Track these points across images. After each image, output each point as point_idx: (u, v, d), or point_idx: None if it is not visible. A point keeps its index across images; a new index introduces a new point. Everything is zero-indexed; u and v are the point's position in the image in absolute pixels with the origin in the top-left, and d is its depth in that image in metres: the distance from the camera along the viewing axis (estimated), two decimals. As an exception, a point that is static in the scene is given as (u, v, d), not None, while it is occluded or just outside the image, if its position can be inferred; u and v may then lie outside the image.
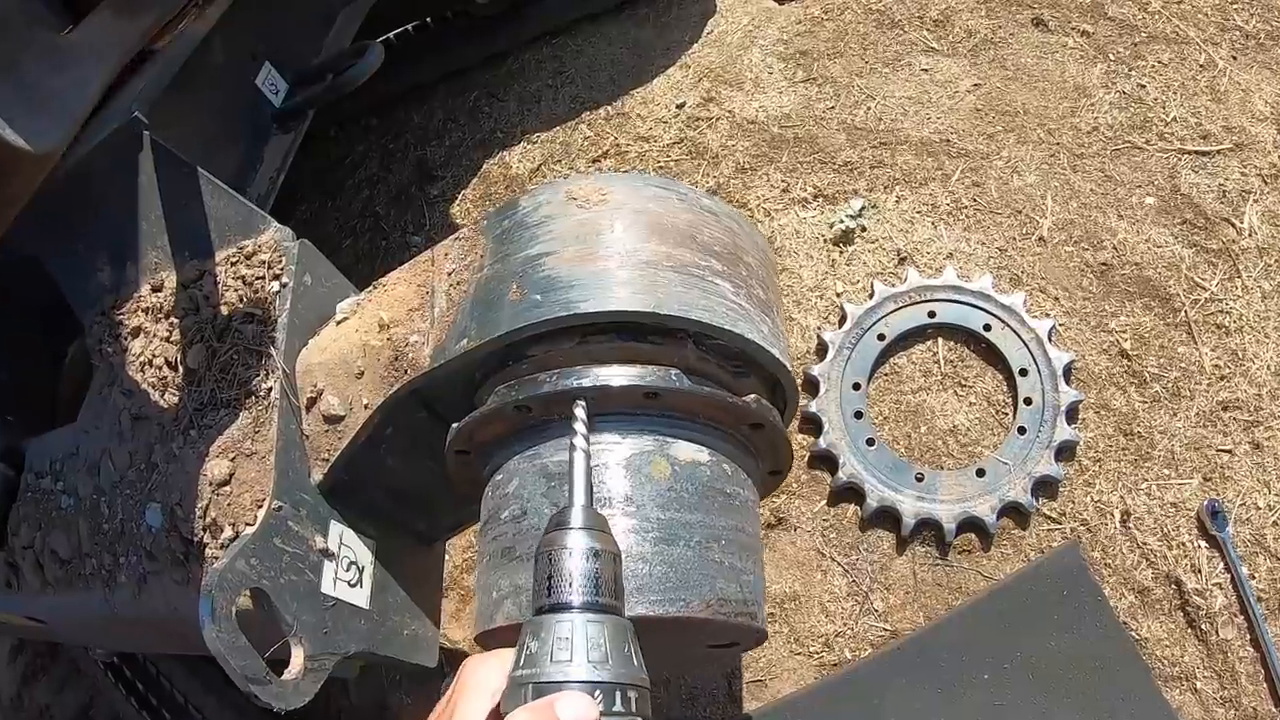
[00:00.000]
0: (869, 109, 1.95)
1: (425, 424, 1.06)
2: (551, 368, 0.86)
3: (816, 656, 1.59)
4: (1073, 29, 1.92)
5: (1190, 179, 1.72)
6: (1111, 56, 1.85)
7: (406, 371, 0.98)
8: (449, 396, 1.01)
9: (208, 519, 1.01)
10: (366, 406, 1.02)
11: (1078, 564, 1.51)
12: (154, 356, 1.24)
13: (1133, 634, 1.47)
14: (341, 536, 1.05)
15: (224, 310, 1.19)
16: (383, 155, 2.48)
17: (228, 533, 0.98)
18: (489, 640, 0.88)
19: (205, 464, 1.04)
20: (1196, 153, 1.74)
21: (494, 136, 2.33)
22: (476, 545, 0.93)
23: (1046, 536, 1.56)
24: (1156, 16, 1.88)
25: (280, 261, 1.17)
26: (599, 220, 0.89)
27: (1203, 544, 1.49)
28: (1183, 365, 1.60)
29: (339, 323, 1.13)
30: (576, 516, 0.71)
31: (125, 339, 1.29)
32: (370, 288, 1.16)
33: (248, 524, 0.97)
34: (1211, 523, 1.48)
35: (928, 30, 1.98)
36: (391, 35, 2.26)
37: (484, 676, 0.66)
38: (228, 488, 1.01)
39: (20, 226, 1.32)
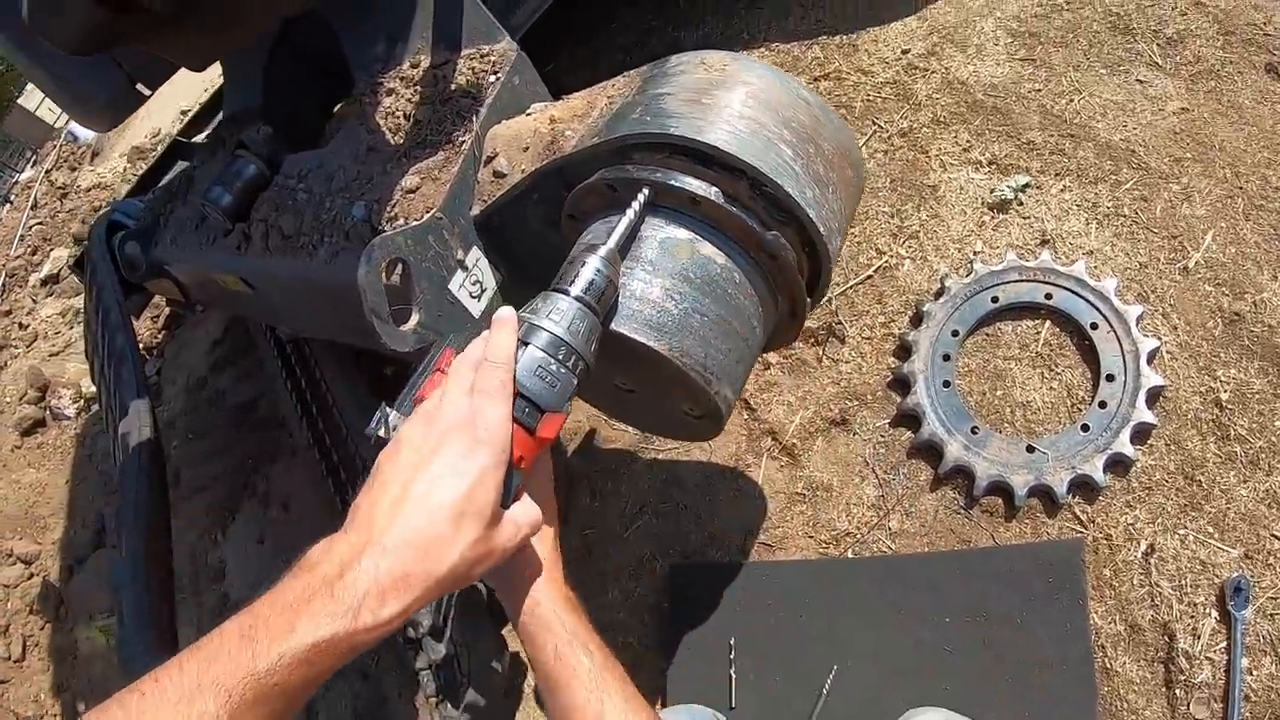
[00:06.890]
0: (1071, 100, 2.01)
1: (563, 200, 1.38)
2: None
3: (824, 546, 1.81)
4: (1306, 85, 1.87)
5: (1360, 269, 1.67)
6: (1332, 124, 1.81)
7: (556, 153, 1.31)
8: (583, 179, 1.31)
9: (393, 213, 1.40)
10: (523, 171, 1.36)
11: (1076, 562, 1.54)
12: (397, 110, 1.64)
13: (1106, 662, 1.49)
14: (478, 260, 1.41)
15: (453, 87, 1.56)
16: (643, 29, 2.80)
17: (401, 222, 1.36)
18: None
19: (404, 178, 1.42)
20: (1377, 247, 1.68)
21: (740, 37, 2.58)
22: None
23: (1067, 532, 1.61)
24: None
25: (502, 65, 1.53)
26: (713, 81, 1.17)
27: (1214, 613, 1.45)
28: (1273, 439, 1.56)
29: (527, 115, 1.47)
30: (603, 248, 1.01)
31: (381, 95, 1.70)
32: (562, 99, 1.49)
33: (417, 220, 1.34)
34: (1233, 598, 1.43)
35: (1158, 45, 2.00)
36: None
37: (510, 314, 0.99)
38: (413, 195, 1.39)
39: (329, 4, 1.74)
